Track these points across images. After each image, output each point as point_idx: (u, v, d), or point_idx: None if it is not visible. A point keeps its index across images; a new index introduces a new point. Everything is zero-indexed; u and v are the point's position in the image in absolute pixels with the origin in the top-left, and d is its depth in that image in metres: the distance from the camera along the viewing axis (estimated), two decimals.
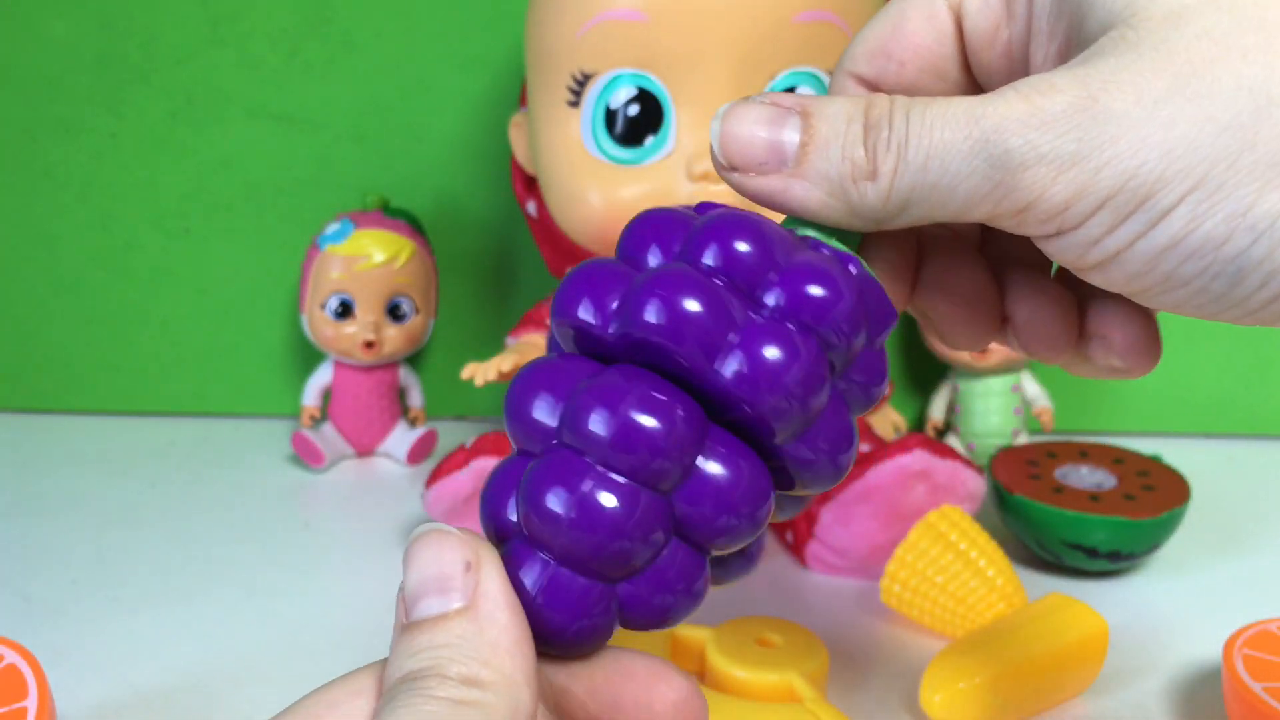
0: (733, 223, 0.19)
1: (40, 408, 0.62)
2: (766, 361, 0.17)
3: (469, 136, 0.58)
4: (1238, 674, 0.32)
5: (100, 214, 0.59)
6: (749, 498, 0.18)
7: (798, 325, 0.18)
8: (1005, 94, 0.19)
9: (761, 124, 0.20)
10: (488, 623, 0.17)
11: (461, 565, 0.17)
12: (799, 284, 0.18)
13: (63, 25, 0.57)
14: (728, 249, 0.18)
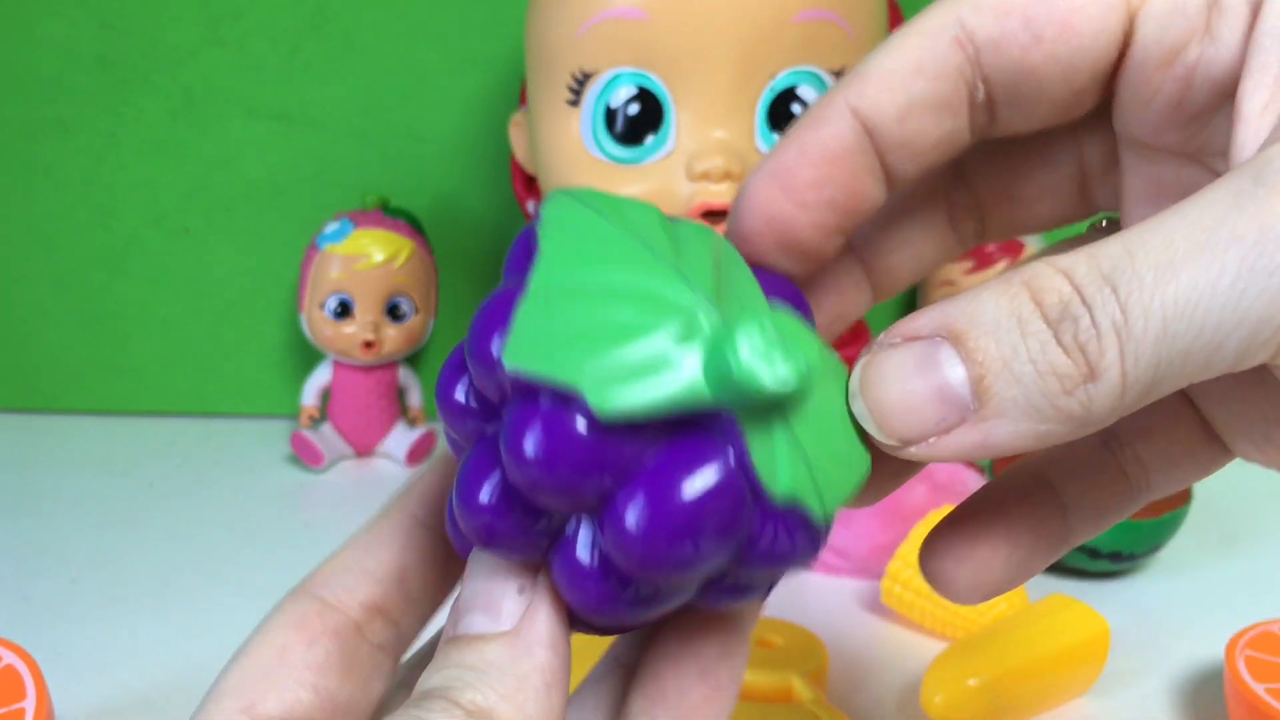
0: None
1: (39, 408, 0.62)
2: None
3: (469, 136, 0.58)
4: (1240, 675, 0.32)
5: (100, 213, 0.59)
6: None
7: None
8: (1249, 191, 0.14)
9: (911, 375, 0.15)
10: (524, 654, 0.16)
11: (515, 587, 0.16)
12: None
13: (62, 25, 0.57)
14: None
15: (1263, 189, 0.14)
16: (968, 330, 0.15)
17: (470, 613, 0.16)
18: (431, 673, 0.16)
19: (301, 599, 0.18)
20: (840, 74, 0.42)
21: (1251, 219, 0.13)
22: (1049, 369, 0.14)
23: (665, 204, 0.41)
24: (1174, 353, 0.14)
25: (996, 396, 0.15)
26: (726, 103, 0.41)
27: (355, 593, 0.18)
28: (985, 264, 0.51)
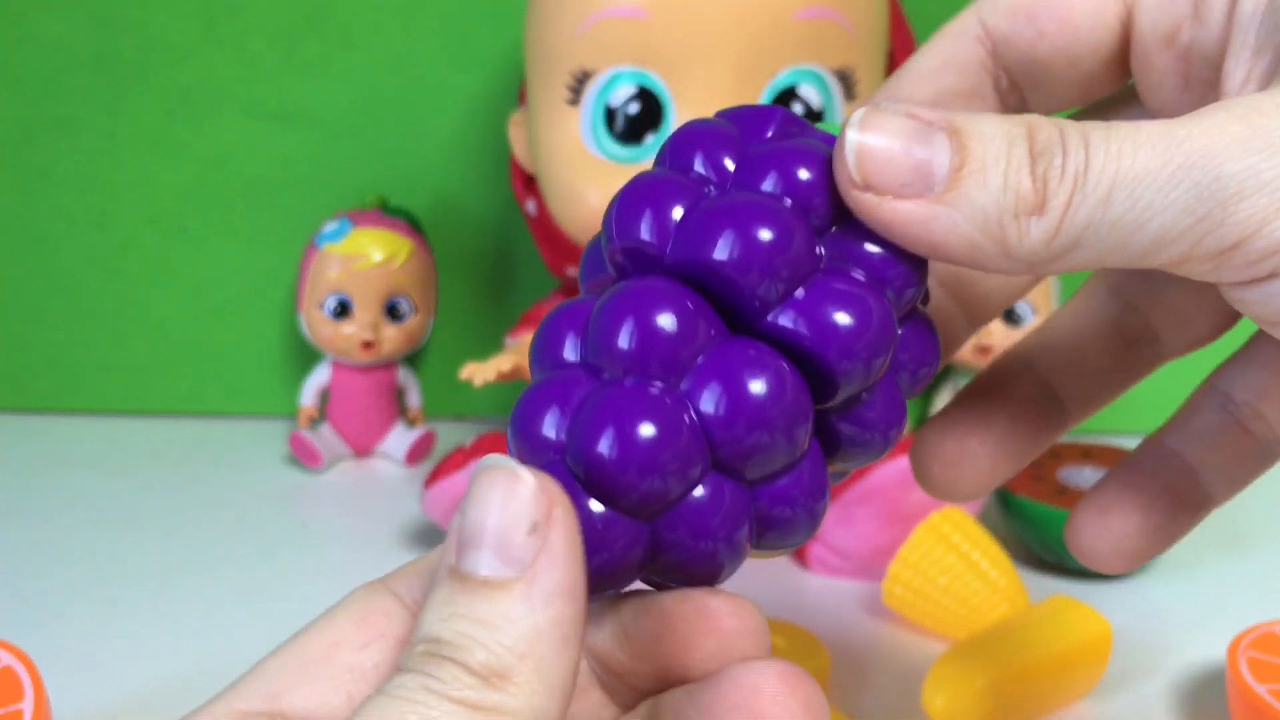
0: (800, 153, 0.16)
1: (36, 408, 0.62)
2: (841, 319, 0.16)
3: (468, 135, 0.58)
4: (1242, 676, 0.32)
5: (97, 213, 0.59)
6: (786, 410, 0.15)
7: (867, 279, 0.16)
8: (1213, 114, 0.16)
9: (907, 138, 0.16)
10: (540, 605, 0.14)
11: (526, 524, 0.15)
12: (864, 238, 0.16)
13: (59, 24, 0.57)
14: (795, 178, 0.16)
15: (1207, 117, 0.16)
16: (966, 130, 0.17)
17: (477, 549, 0.15)
18: (436, 614, 0.15)
19: (375, 592, 0.17)
20: (841, 72, 0.42)
21: (1198, 135, 0.16)
22: (1014, 187, 0.16)
23: None
24: (1105, 220, 0.16)
25: (962, 189, 0.16)
26: (727, 101, 0.41)
27: None
28: None
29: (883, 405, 0.17)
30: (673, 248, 0.16)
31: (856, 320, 0.16)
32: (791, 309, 0.16)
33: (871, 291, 0.16)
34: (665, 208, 0.16)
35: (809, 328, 0.16)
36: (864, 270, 0.16)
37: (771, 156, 0.16)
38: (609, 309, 0.16)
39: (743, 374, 0.15)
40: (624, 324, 0.15)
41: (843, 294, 0.16)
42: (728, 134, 0.17)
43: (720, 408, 0.15)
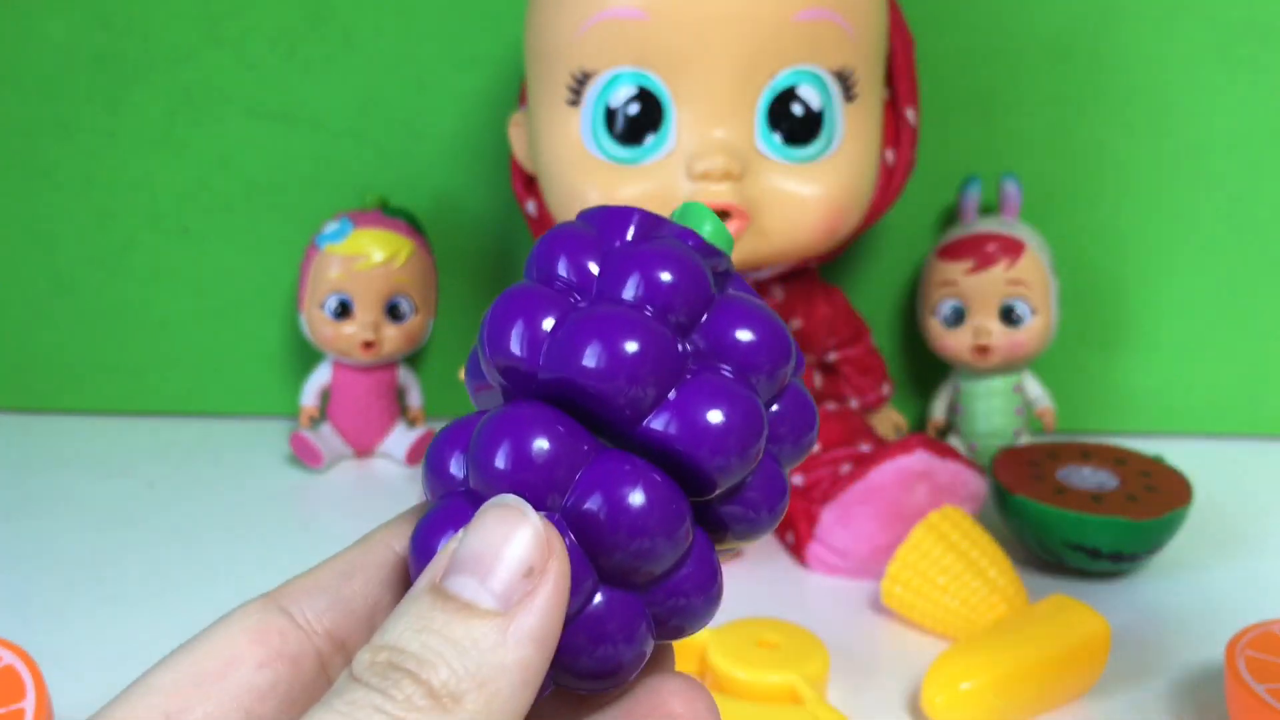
0: (658, 255, 0.17)
1: (38, 408, 0.62)
2: (712, 419, 0.16)
3: (468, 135, 0.58)
4: (1240, 675, 0.32)
5: (98, 213, 0.59)
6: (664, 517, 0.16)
7: (734, 374, 0.17)
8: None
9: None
10: (513, 645, 0.15)
11: (524, 568, 0.15)
12: (732, 326, 0.17)
13: (61, 24, 0.57)
14: (656, 281, 0.16)
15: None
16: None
17: (469, 575, 0.15)
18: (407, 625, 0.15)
19: (268, 610, 0.17)
20: (840, 73, 0.42)
21: None
22: None
23: (665, 204, 0.41)
24: None
25: None
26: (727, 102, 0.41)
27: (324, 618, 0.17)
28: (986, 264, 0.51)
29: (762, 485, 0.17)
30: (543, 364, 0.16)
31: (726, 418, 0.16)
32: (663, 415, 0.16)
33: (738, 387, 0.16)
34: (534, 322, 0.16)
35: (680, 431, 0.16)
36: (734, 360, 0.17)
37: (631, 260, 0.17)
38: (484, 438, 0.16)
39: (616, 490, 0.16)
40: (499, 452, 0.16)
41: (711, 394, 0.16)
42: (588, 237, 0.17)
43: (598, 525, 0.16)
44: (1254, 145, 0.55)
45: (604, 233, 0.17)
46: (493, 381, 0.17)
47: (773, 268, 0.46)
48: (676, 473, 0.16)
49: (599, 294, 0.17)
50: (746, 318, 0.17)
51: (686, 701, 0.18)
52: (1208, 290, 0.57)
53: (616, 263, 0.17)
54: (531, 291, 0.17)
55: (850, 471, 0.44)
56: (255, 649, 0.16)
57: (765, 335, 0.17)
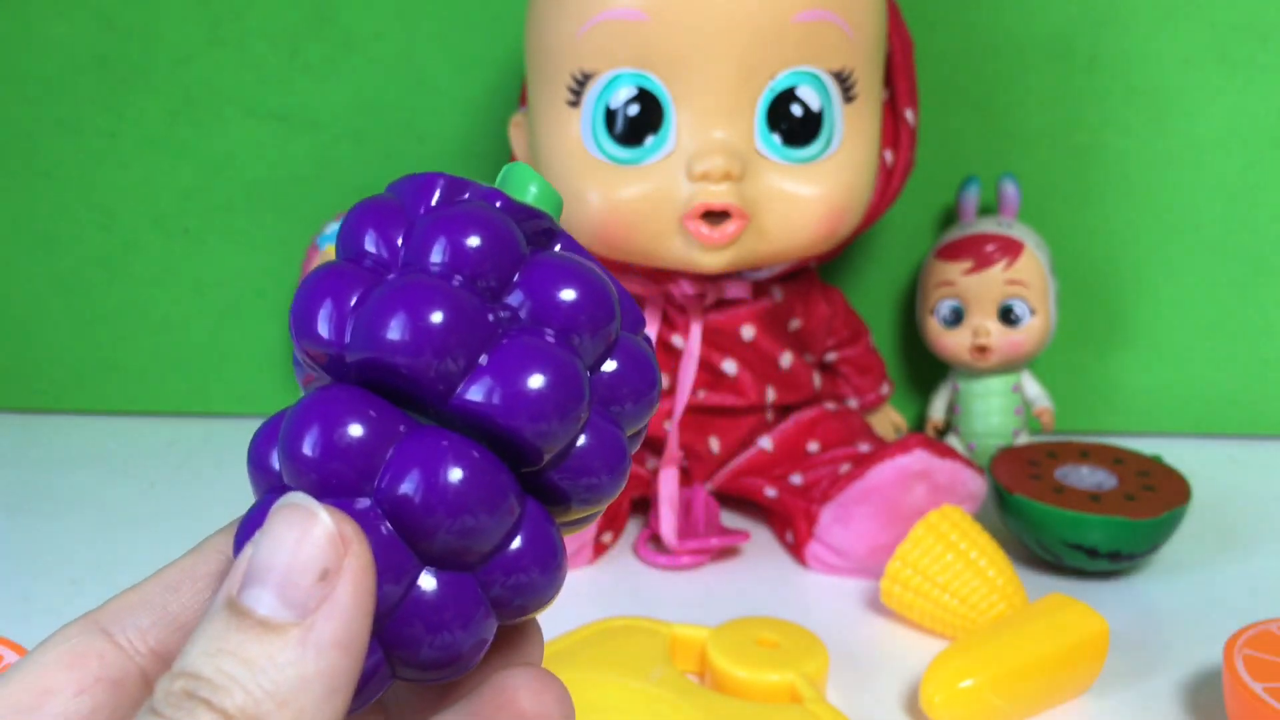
0: (460, 219, 0.16)
1: (40, 408, 0.62)
2: (526, 384, 0.15)
3: (469, 136, 0.58)
4: (1238, 674, 0.32)
5: (100, 214, 0.59)
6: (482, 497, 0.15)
7: (554, 335, 0.16)
8: None
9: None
10: (313, 655, 0.14)
11: (316, 571, 0.14)
12: (548, 286, 0.16)
13: (63, 25, 0.57)
14: (460, 246, 0.16)
15: None
16: None
17: (260, 586, 0.14)
18: (203, 648, 0.14)
19: (86, 631, 0.16)
20: (840, 74, 0.42)
21: None
22: None
23: (665, 204, 0.41)
24: None
25: None
26: (726, 103, 0.41)
27: (148, 635, 0.17)
28: (984, 264, 0.51)
29: (598, 448, 0.16)
30: (349, 344, 0.15)
31: (541, 382, 0.15)
32: (475, 384, 0.15)
33: (553, 349, 0.16)
34: (341, 301, 0.16)
35: (494, 400, 0.15)
36: (554, 321, 0.16)
37: (434, 227, 0.16)
38: (291, 427, 0.15)
39: (430, 469, 0.15)
40: (305, 441, 0.15)
41: (522, 358, 0.15)
42: (393, 208, 0.17)
43: (414, 508, 0.15)
44: (1252, 146, 0.55)
45: (409, 202, 0.17)
46: (311, 370, 0.17)
47: (772, 268, 0.46)
48: (496, 444, 0.15)
49: (404, 265, 0.16)
50: (564, 276, 0.16)
51: (534, 694, 0.17)
52: (1206, 290, 0.57)
53: (420, 231, 0.16)
54: (336, 270, 0.16)
55: (849, 471, 0.44)
56: (71, 675, 0.16)
57: (585, 293, 0.16)
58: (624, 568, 0.46)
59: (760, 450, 0.48)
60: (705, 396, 0.46)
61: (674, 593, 0.44)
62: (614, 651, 0.36)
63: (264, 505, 0.16)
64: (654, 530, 0.46)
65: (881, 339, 0.58)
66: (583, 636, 0.37)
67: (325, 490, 0.15)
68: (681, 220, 0.41)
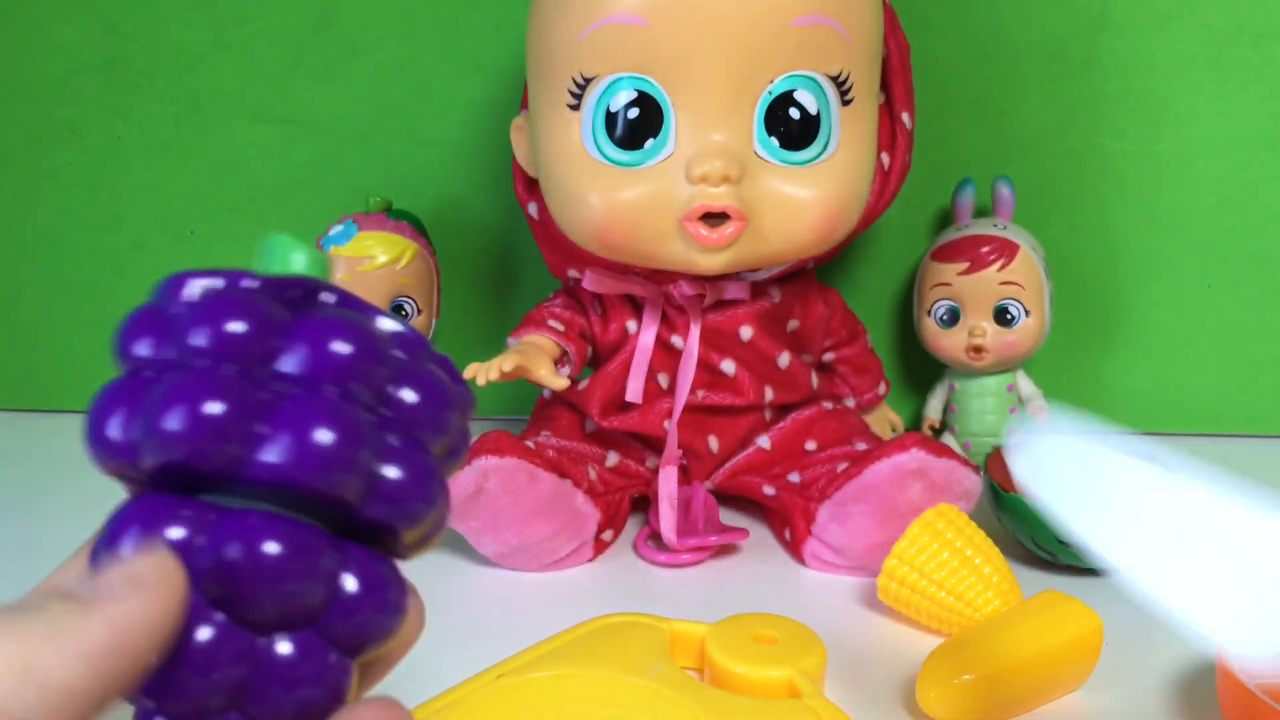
0: (222, 304, 0.17)
1: (46, 407, 0.62)
2: (307, 440, 0.16)
3: (471, 139, 0.58)
4: (1232, 671, 0.33)
5: (106, 216, 0.60)
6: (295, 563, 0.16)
7: (330, 388, 0.17)
8: None
9: None
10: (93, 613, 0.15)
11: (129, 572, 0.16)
12: (315, 345, 0.17)
13: (69, 30, 0.57)
14: (218, 331, 0.16)
15: None
16: None
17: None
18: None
19: None
20: (837, 78, 0.43)
21: None
22: None
23: (664, 206, 0.42)
24: None
25: None
26: (725, 107, 0.42)
27: None
28: (980, 265, 0.51)
29: (406, 475, 0.17)
30: (139, 454, 0.17)
31: (322, 434, 0.16)
32: (261, 452, 0.16)
33: (324, 401, 0.16)
34: (129, 412, 0.17)
35: (282, 461, 0.16)
36: (328, 374, 0.17)
37: (192, 319, 0.17)
38: (107, 533, 0.17)
39: (246, 546, 0.16)
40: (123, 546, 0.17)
41: (298, 417, 0.16)
42: (154, 312, 0.18)
43: (239, 583, 0.16)
44: (1245, 148, 0.56)
45: (165, 304, 0.18)
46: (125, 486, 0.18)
47: (770, 269, 0.47)
48: (300, 504, 0.16)
49: (168, 363, 0.17)
50: (326, 331, 0.17)
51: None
52: (1199, 291, 0.57)
53: (177, 328, 0.17)
54: (115, 386, 0.17)
55: (846, 470, 0.44)
56: None
57: (350, 340, 0.17)
58: (624, 565, 0.46)
59: (759, 449, 0.48)
60: (704, 396, 0.47)
61: (673, 589, 0.44)
62: (614, 648, 0.36)
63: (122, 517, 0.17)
64: (654, 528, 0.47)
65: (878, 339, 0.58)
66: (583, 633, 0.37)
67: None
68: (681, 222, 0.42)
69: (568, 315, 0.49)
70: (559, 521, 0.44)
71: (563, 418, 0.50)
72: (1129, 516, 0.22)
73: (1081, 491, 0.22)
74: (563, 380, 0.45)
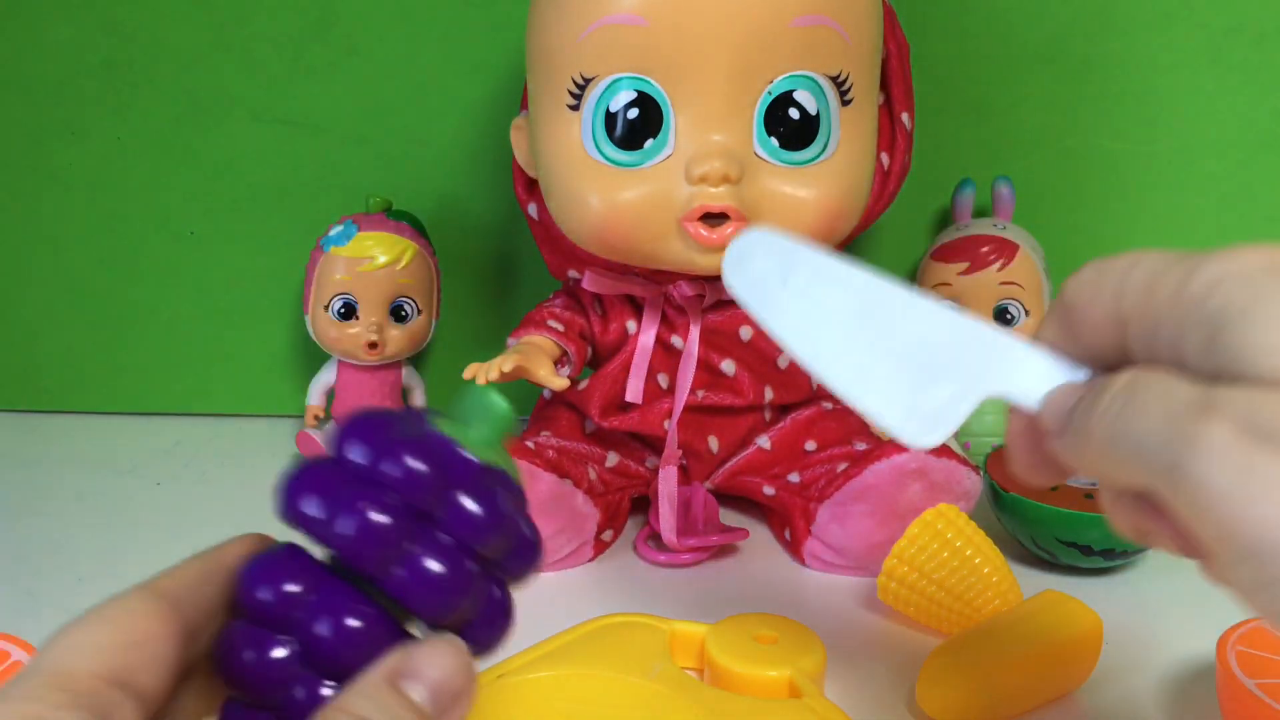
0: (419, 449, 0.21)
1: (47, 408, 0.62)
2: (427, 578, 0.21)
3: (471, 139, 0.58)
4: (1231, 670, 0.33)
5: (106, 216, 0.60)
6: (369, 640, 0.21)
7: (458, 543, 0.21)
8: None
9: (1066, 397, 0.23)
10: None
11: (458, 693, 0.20)
12: (466, 509, 0.21)
13: (68, 30, 0.57)
14: (409, 471, 0.21)
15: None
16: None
17: (420, 683, 0.20)
18: (364, 695, 0.19)
19: (150, 598, 0.20)
20: (837, 78, 0.43)
21: None
22: None
23: (664, 207, 0.42)
24: None
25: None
26: (725, 107, 0.42)
27: (187, 611, 0.21)
28: (979, 266, 0.51)
29: (489, 616, 0.22)
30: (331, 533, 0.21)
31: (441, 581, 0.21)
32: (397, 574, 0.21)
33: (455, 555, 0.21)
34: (328, 493, 0.21)
35: (408, 590, 0.21)
36: (464, 533, 0.21)
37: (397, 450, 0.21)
38: (251, 573, 0.21)
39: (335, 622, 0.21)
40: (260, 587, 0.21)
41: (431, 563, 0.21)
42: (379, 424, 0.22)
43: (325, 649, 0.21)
44: (1244, 148, 0.56)
45: (388, 424, 0.22)
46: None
47: None
48: (409, 609, 0.21)
49: (368, 479, 0.21)
50: (480, 500, 0.22)
51: None
52: None
53: (383, 454, 0.21)
54: (324, 467, 0.21)
55: (846, 470, 0.44)
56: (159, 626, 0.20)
57: (489, 518, 0.22)
58: (624, 565, 0.46)
59: (758, 449, 0.48)
60: (704, 396, 0.47)
61: (673, 589, 0.44)
62: (614, 648, 0.36)
63: (273, 557, 0.21)
64: (654, 528, 0.47)
65: None
66: (583, 633, 0.37)
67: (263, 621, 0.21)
68: (680, 222, 0.42)
69: (568, 315, 0.49)
70: (559, 521, 0.44)
71: (563, 418, 0.50)
72: (820, 311, 0.24)
73: (779, 288, 0.24)
74: (563, 380, 0.45)
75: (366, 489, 0.21)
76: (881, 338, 0.24)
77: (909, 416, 0.24)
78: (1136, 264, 0.22)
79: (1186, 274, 0.20)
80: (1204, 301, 0.20)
